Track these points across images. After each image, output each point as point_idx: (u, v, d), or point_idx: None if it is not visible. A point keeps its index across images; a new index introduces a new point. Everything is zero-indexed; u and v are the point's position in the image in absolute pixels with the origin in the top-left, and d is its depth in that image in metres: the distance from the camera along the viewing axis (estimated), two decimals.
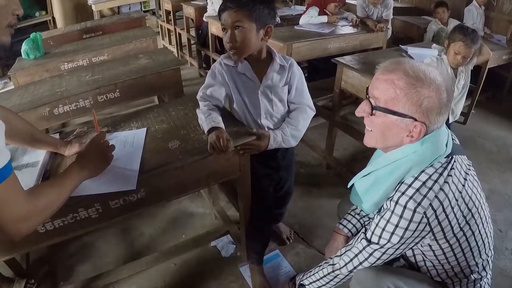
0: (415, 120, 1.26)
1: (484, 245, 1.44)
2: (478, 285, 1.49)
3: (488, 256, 1.50)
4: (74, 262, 2.58)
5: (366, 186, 1.47)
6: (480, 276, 1.49)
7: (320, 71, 4.74)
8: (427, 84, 1.23)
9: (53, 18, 7.97)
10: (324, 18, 4.34)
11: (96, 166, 1.53)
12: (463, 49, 2.79)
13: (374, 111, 1.32)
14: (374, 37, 4.25)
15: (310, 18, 4.33)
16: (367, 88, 1.38)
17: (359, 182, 1.52)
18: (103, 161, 1.56)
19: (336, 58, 3.12)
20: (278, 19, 4.26)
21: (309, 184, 3.21)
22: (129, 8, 8.42)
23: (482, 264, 1.48)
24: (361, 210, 1.83)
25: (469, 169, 1.42)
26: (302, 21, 4.36)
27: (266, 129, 1.92)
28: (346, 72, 3.03)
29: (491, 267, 1.55)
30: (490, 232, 1.48)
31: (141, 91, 2.88)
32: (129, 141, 1.83)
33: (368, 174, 1.48)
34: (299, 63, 4.01)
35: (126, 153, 1.73)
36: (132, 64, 3.05)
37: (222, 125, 1.77)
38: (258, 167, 2.00)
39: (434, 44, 3.78)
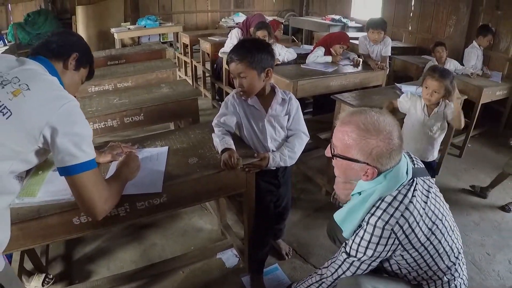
0: (368, 164, 1.54)
1: (452, 250, 1.68)
2: (453, 285, 1.72)
3: (458, 259, 1.73)
4: (89, 264, 2.88)
5: (342, 216, 1.71)
6: (453, 277, 1.72)
7: (323, 106, 4.98)
8: (375, 135, 1.49)
9: (64, 30, 8.40)
10: (329, 58, 4.67)
11: (132, 172, 1.95)
12: (430, 83, 2.91)
13: (333, 155, 1.62)
14: (373, 75, 4.57)
15: (316, 58, 4.65)
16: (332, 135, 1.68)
17: (336, 213, 1.75)
18: (136, 169, 1.99)
19: (335, 95, 3.48)
20: (279, 58, 4.62)
21: (308, 208, 3.51)
22: (149, 39, 8.88)
23: (454, 267, 1.71)
24: None
25: (431, 187, 1.69)
26: (308, 60, 4.68)
27: (271, 150, 2.30)
28: (344, 107, 3.36)
29: (463, 268, 1.79)
30: (456, 239, 1.73)
31: (162, 116, 3.28)
32: (154, 156, 2.20)
33: (343, 205, 1.75)
34: (305, 98, 4.37)
35: (152, 165, 2.10)
36: (155, 92, 3.43)
37: (233, 147, 2.15)
38: (262, 184, 2.36)
39: None
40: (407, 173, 1.61)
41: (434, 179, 1.76)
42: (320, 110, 5.09)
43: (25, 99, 1.40)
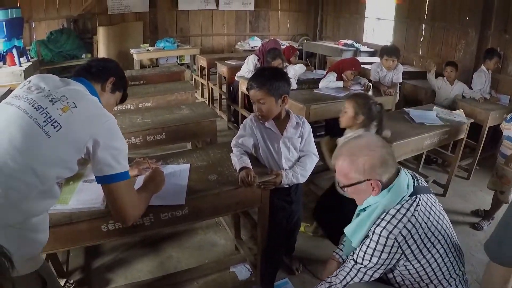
0: (369, 180, 1.76)
1: (453, 265, 1.81)
2: None
3: (459, 276, 1.85)
4: (108, 272, 3.06)
5: (352, 229, 1.90)
6: None
7: (335, 129, 5.07)
8: (359, 153, 1.76)
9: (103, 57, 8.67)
10: (340, 83, 4.81)
11: (158, 186, 2.15)
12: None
13: (344, 189, 1.86)
14: (383, 100, 4.61)
15: (328, 83, 4.80)
16: None
17: (346, 228, 1.95)
18: (162, 183, 2.19)
19: None
20: (293, 84, 4.81)
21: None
22: (166, 60, 9.09)
23: (454, 282, 1.82)
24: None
25: (434, 205, 1.85)
26: (321, 85, 4.83)
27: (284, 169, 2.49)
28: None
29: (465, 286, 1.89)
30: (458, 256, 1.86)
31: (182, 136, 3.49)
32: (177, 172, 2.40)
33: (352, 221, 1.95)
34: (317, 121, 4.51)
35: (176, 180, 2.30)
36: (176, 113, 3.64)
37: (250, 165, 2.35)
38: (276, 201, 2.55)
39: (435, 107, 4.22)
40: (408, 187, 1.79)
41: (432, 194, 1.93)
42: (332, 133, 5.14)
43: (73, 115, 1.61)
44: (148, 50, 8.49)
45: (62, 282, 2.83)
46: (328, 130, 5.33)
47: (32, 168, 1.51)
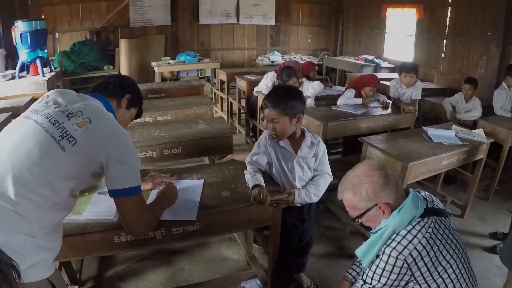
0: (376, 204, 1.76)
1: None
2: None
3: None
4: (120, 282, 3.11)
5: (363, 250, 1.90)
6: None
7: (353, 147, 5.03)
8: (358, 183, 1.78)
9: (119, 73, 8.74)
10: (359, 100, 4.80)
11: (170, 201, 2.19)
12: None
13: (357, 220, 1.87)
14: (402, 117, 4.66)
15: (347, 100, 4.78)
16: None
17: (358, 249, 1.94)
18: (174, 198, 2.22)
19: (363, 138, 3.64)
20: (311, 102, 4.81)
21: (332, 245, 3.62)
22: (187, 73, 9.22)
23: None
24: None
25: (448, 228, 1.82)
26: (339, 101, 4.82)
27: (298, 189, 2.49)
28: (370, 150, 3.52)
29: None
30: (471, 282, 1.82)
31: (199, 151, 3.52)
32: (191, 187, 2.43)
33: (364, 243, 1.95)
34: (336, 138, 4.47)
35: (189, 195, 2.33)
36: (194, 127, 3.66)
37: (263, 183, 2.36)
38: (288, 219, 2.54)
39: (454, 126, 4.13)
40: (418, 207, 1.78)
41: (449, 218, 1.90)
42: (350, 150, 5.13)
43: (88, 131, 1.67)
44: (169, 63, 8.59)
45: None
46: (346, 147, 5.33)
47: (47, 180, 1.56)
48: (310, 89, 5.00)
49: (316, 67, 6.21)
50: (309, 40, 11.38)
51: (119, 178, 1.74)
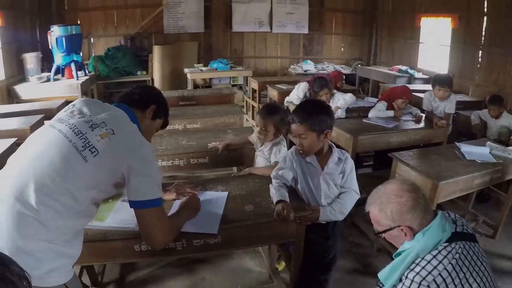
0: (399, 226, 1.71)
1: None
2: None
3: None
4: (141, 287, 3.12)
5: (386, 274, 1.82)
6: None
7: (384, 161, 4.94)
8: (386, 200, 1.73)
9: (152, 79, 8.99)
10: (391, 113, 4.70)
11: (192, 213, 2.18)
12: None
13: (379, 235, 1.83)
14: (435, 132, 4.52)
15: (378, 112, 4.69)
16: None
17: (381, 272, 1.86)
18: (197, 210, 2.22)
19: (393, 153, 3.53)
20: (342, 113, 4.74)
21: (358, 262, 3.53)
22: (219, 81, 9.27)
23: None
24: None
25: (476, 254, 1.71)
26: (370, 114, 4.73)
27: (323, 206, 2.43)
28: (400, 166, 3.41)
29: None
30: None
31: (225, 161, 3.51)
32: (214, 199, 2.41)
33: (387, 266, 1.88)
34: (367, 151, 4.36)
35: (212, 208, 2.31)
36: (222, 137, 3.64)
37: (287, 199, 2.32)
38: (312, 235, 2.47)
39: (488, 142, 3.96)
40: (445, 230, 1.70)
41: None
42: (381, 164, 4.98)
43: (110, 142, 1.69)
44: (201, 70, 8.67)
45: None
46: (376, 161, 5.23)
47: (69, 190, 1.59)
48: (342, 100, 4.92)
49: (344, 76, 6.13)
50: (342, 49, 11.25)
51: (139, 190, 1.76)
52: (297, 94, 5.45)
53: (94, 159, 1.64)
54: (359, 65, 10.40)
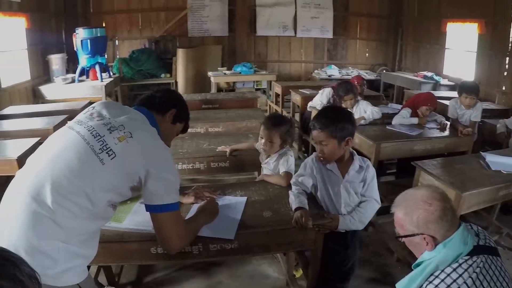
0: (422, 234, 1.64)
1: None
2: None
3: None
4: None
5: (404, 284, 1.76)
6: None
7: (407, 169, 4.85)
8: (414, 206, 1.65)
9: (176, 82, 9.08)
10: (415, 120, 4.60)
11: (210, 217, 2.17)
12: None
13: (399, 239, 1.77)
14: (460, 141, 4.40)
15: (402, 119, 4.60)
16: None
17: (399, 283, 1.81)
18: (214, 215, 2.21)
19: (416, 162, 3.45)
20: (365, 116, 4.66)
21: (376, 272, 3.45)
22: (243, 84, 9.31)
23: None
24: None
25: (498, 269, 1.64)
26: (394, 121, 4.65)
27: (342, 214, 2.38)
28: (423, 175, 3.33)
29: None
30: None
31: (245, 166, 3.49)
32: (233, 204, 2.40)
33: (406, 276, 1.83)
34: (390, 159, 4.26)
35: (230, 213, 2.29)
36: (243, 141, 3.59)
37: (306, 206, 2.28)
38: (330, 244, 2.43)
39: None
40: (467, 243, 1.64)
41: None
42: (404, 172, 4.80)
43: (128, 145, 1.69)
44: (225, 73, 8.67)
45: None
46: (400, 169, 5.14)
47: (85, 191, 1.60)
48: (369, 112, 4.81)
49: (364, 81, 6.06)
50: (367, 54, 11.12)
51: (156, 194, 1.76)
52: (320, 100, 5.39)
53: (111, 162, 1.65)
54: (384, 71, 10.24)
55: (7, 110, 5.36)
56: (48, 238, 1.52)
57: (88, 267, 2.24)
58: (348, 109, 3.73)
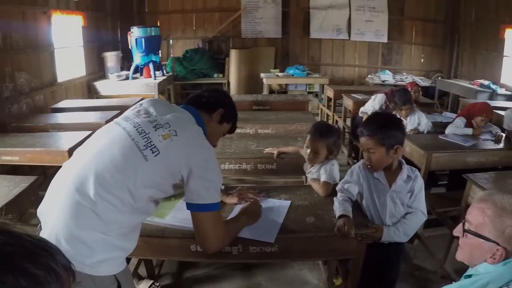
0: (498, 244, 1.46)
1: None
2: None
3: None
4: (196, 285, 3.21)
5: None
6: None
7: (460, 181, 4.66)
8: (509, 213, 1.45)
9: (228, 82, 9.19)
10: (469, 131, 4.39)
11: (252, 220, 2.17)
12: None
13: (465, 233, 1.57)
14: None
15: (456, 129, 4.42)
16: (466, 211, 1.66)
17: (446, 287, 1.69)
18: (257, 217, 2.20)
19: (467, 174, 3.30)
20: (419, 128, 4.51)
21: (418, 287, 3.32)
22: (295, 87, 9.22)
23: None
24: None
25: None
26: (447, 130, 4.47)
27: (387, 225, 2.32)
28: (474, 189, 3.17)
29: None
30: None
31: (292, 170, 3.43)
32: (276, 207, 2.39)
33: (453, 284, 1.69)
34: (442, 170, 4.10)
35: (272, 216, 2.28)
36: (291, 144, 3.52)
37: (350, 214, 2.22)
38: (373, 255, 2.34)
39: None
40: None
41: None
42: (456, 185, 4.70)
43: (172, 143, 1.71)
44: (277, 75, 8.69)
45: (149, 283, 3.05)
46: (451, 181, 4.95)
47: (127, 186, 1.63)
48: (423, 125, 4.66)
49: (419, 87, 5.91)
50: (422, 60, 10.76)
51: (197, 193, 1.77)
52: (372, 105, 5.30)
53: (155, 159, 1.67)
54: (439, 78, 9.90)
55: (62, 104, 5.62)
56: (88, 229, 1.56)
57: (129, 259, 2.30)
58: (402, 118, 3.64)
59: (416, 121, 4.66)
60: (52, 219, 1.60)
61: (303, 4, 9.84)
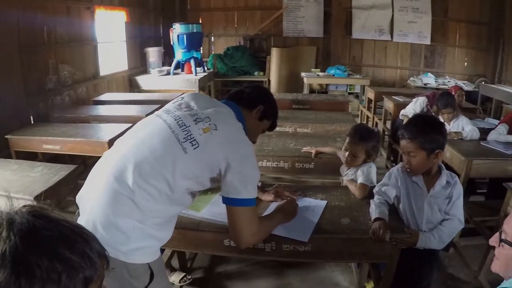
0: None
1: None
2: None
3: None
4: (227, 280, 3.23)
5: None
6: None
7: (500, 190, 4.51)
8: None
9: (269, 81, 9.22)
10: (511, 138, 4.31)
11: (287, 217, 2.18)
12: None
13: (501, 243, 1.48)
14: None
15: (498, 136, 4.27)
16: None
17: None
18: (292, 216, 2.21)
19: (508, 183, 3.21)
20: (462, 133, 4.39)
21: None
22: (336, 87, 9.17)
23: None
24: None
25: None
26: (490, 137, 4.32)
27: (423, 231, 2.27)
28: None
29: None
30: None
31: (330, 170, 3.37)
32: (312, 207, 2.39)
33: None
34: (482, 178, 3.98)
35: (307, 215, 2.29)
36: (330, 145, 3.52)
37: (386, 218, 2.20)
38: (407, 260, 2.30)
39: None
40: None
41: None
42: (496, 194, 4.53)
43: (212, 137, 1.74)
44: (318, 75, 8.67)
45: (181, 275, 3.10)
46: (491, 189, 4.81)
47: (165, 177, 1.67)
48: (468, 131, 4.42)
49: (463, 92, 5.74)
50: (465, 63, 10.34)
51: (233, 187, 1.78)
52: (413, 108, 5.20)
53: (194, 152, 1.70)
54: (483, 82, 9.55)
55: (104, 96, 5.80)
56: (125, 216, 1.60)
57: (163, 250, 2.34)
58: (445, 123, 3.56)
59: (459, 127, 4.53)
60: (90, 205, 1.66)
61: (345, 4, 9.76)
